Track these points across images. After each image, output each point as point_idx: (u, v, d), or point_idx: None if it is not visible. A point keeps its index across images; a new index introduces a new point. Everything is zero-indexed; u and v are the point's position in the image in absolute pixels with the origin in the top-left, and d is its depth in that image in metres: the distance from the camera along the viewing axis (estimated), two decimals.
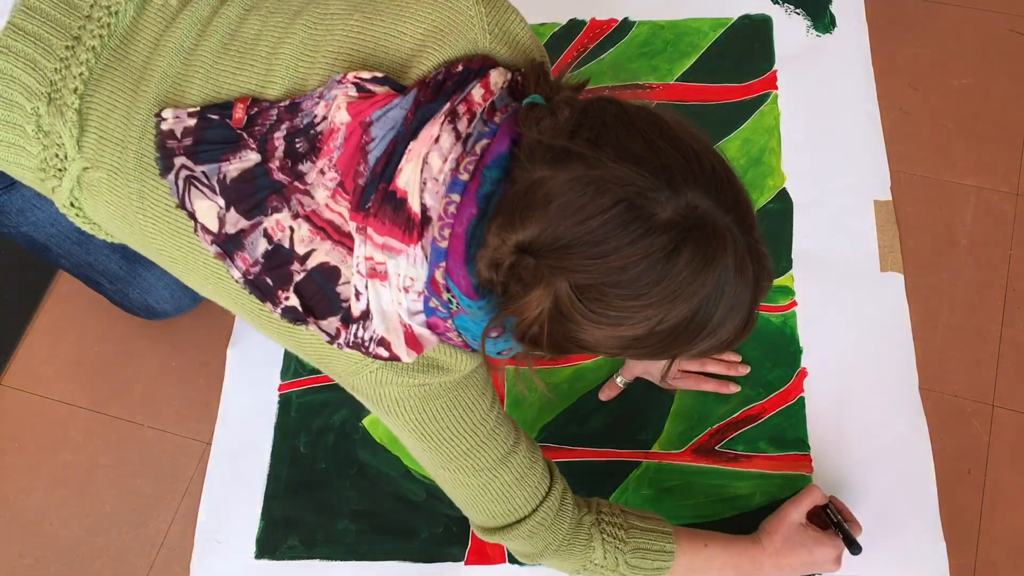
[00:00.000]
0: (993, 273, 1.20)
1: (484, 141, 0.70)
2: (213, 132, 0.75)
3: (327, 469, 1.15)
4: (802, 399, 1.14)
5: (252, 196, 0.74)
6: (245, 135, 0.75)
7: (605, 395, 1.15)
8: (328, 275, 0.74)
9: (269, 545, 1.12)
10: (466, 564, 1.08)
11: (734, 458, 1.11)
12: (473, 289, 0.70)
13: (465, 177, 0.69)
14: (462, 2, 0.76)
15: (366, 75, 0.73)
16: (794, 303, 1.19)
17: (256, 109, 0.75)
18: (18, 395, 1.25)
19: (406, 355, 0.74)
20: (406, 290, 0.72)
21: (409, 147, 0.70)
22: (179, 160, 0.76)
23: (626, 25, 1.43)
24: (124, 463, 1.19)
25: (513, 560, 1.08)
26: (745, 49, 1.39)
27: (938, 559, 1.04)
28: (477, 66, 0.74)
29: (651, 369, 1.11)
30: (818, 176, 1.28)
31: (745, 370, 1.14)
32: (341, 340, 0.74)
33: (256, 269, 0.75)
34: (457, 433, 0.81)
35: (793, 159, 1.29)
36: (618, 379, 1.14)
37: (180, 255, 0.80)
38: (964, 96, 1.33)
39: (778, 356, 1.16)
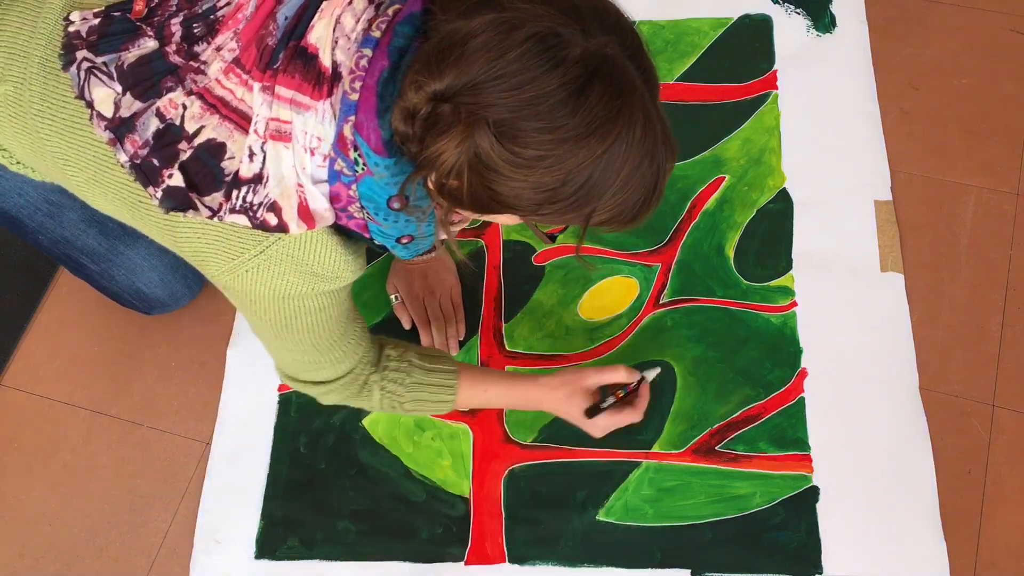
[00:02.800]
0: (993, 273, 1.20)
1: (396, 6, 0.73)
2: (115, 26, 0.78)
3: (327, 469, 1.15)
4: (802, 399, 1.14)
5: (148, 79, 0.76)
6: (144, 25, 0.78)
7: None
8: (214, 151, 0.75)
9: (269, 545, 1.12)
10: (466, 564, 1.08)
11: (734, 458, 1.11)
12: (383, 143, 0.71)
13: (377, 34, 0.71)
14: None
15: None
16: (794, 303, 1.19)
17: (156, 1, 0.78)
18: (18, 395, 1.25)
19: (296, 225, 0.75)
20: (312, 152, 0.73)
21: (322, 6, 0.73)
22: (81, 53, 0.78)
23: None
24: (124, 463, 1.19)
25: (513, 560, 1.08)
26: (745, 49, 1.39)
27: (938, 559, 1.04)
28: None
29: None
30: (818, 176, 1.28)
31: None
32: (224, 210, 0.75)
33: (144, 152, 0.76)
34: (309, 338, 0.87)
35: (793, 159, 1.29)
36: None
37: (72, 151, 0.82)
38: (964, 96, 1.33)
39: (778, 356, 1.16)
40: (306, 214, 0.75)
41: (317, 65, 0.72)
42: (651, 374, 1.07)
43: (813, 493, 1.08)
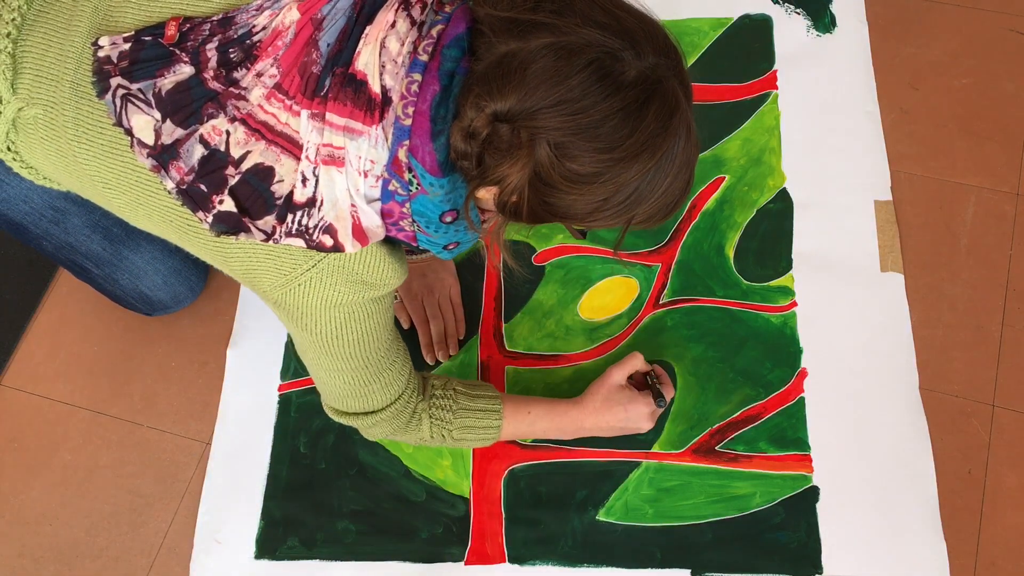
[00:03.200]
0: (993, 273, 1.20)
1: (439, 26, 0.74)
2: (147, 51, 0.78)
3: (327, 469, 1.15)
4: (802, 399, 1.14)
5: (188, 106, 0.77)
6: (177, 51, 0.78)
7: None
8: (263, 175, 0.76)
9: (269, 545, 1.12)
10: (466, 564, 1.08)
11: (734, 458, 1.11)
12: (438, 165, 0.73)
13: (425, 58, 0.73)
14: None
15: None
16: (794, 303, 1.19)
17: (188, 26, 0.78)
18: (18, 395, 1.25)
19: (351, 245, 0.77)
20: (365, 174, 0.75)
21: (365, 31, 0.74)
22: (115, 80, 0.79)
23: None
24: (124, 463, 1.19)
25: (513, 560, 1.08)
26: (745, 49, 1.39)
27: (938, 559, 1.04)
28: None
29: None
30: (818, 176, 1.28)
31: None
32: (278, 234, 0.77)
33: (190, 177, 0.77)
34: (357, 355, 0.89)
35: (793, 159, 1.29)
36: None
37: (113, 176, 0.83)
38: (964, 96, 1.33)
39: (778, 356, 1.16)
40: (360, 233, 0.77)
41: (367, 91, 0.73)
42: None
43: (813, 493, 1.08)
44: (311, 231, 0.77)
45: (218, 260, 0.85)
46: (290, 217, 0.76)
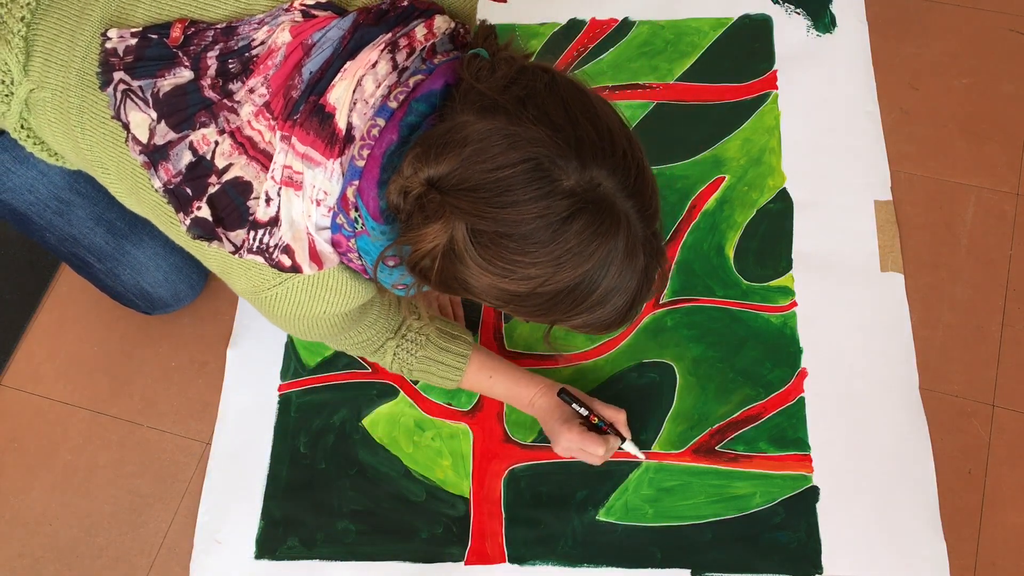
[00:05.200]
0: (993, 273, 1.20)
1: (419, 76, 0.74)
2: (152, 50, 0.79)
3: (327, 469, 1.15)
4: (802, 399, 1.14)
5: (183, 111, 0.78)
6: (180, 53, 0.79)
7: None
8: (241, 189, 0.78)
9: (269, 545, 1.12)
10: (466, 564, 1.08)
11: (734, 458, 1.11)
12: (379, 212, 0.74)
13: (394, 105, 0.73)
14: None
15: (311, 1, 0.78)
16: (794, 303, 1.19)
17: (193, 30, 0.79)
18: (18, 395, 1.25)
19: (308, 267, 0.79)
20: (318, 203, 0.76)
21: (345, 66, 0.75)
22: (118, 75, 0.80)
23: (626, 25, 1.43)
24: (124, 463, 1.19)
25: (513, 560, 1.08)
26: (745, 49, 1.39)
27: (938, 559, 1.04)
28: (424, 7, 0.79)
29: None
30: (818, 176, 1.28)
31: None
32: (243, 250, 0.78)
33: (177, 180, 0.79)
34: (328, 337, 0.94)
35: (793, 159, 1.29)
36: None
37: (112, 164, 0.84)
38: (964, 96, 1.33)
39: (778, 356, 1.16)
40: (315, 256, 0.79)
41: (332, 125, 0.74)
42: (630, 447, 1.08)
43: (813, 493, 1.08)
44: (271, 250, 0.78)
45: (198, 255, 0.87)
46: (253, 234, 0.78)
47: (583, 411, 1.06)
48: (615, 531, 1.08)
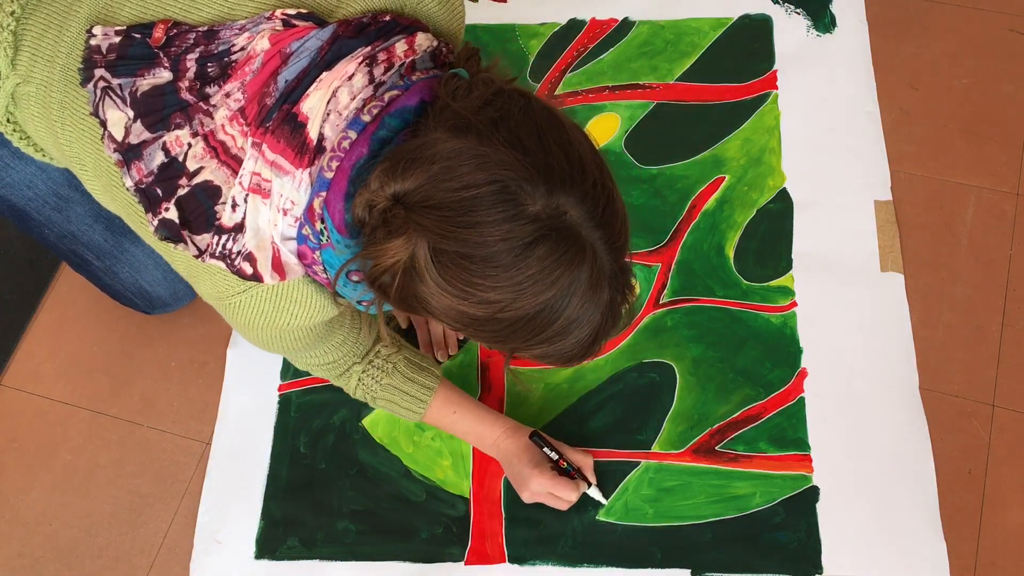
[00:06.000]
0: (993, 273, 1.20)
1: (395, 92, 0.74)
2: (134, 49, 0.80)
3: (327, 469, 1.15)
4: (802, 399, 1.14)
5: (159, 111, 0.78)
6: (161, 54, 0.79)
7: None
8: (210, 193, 0.77)
9: (269, 545, 1.12)
10: (466, 564, 1.08)
11: (734, 458, 1.11)
12: (344, 225, 0.73)
13: (367, 119, 0.73)
14: None
15: (292, 11, 0.78)
16: (794, 303, 1.19)
17: (176, 31, 0.79)
18: (18, 395, 1.25)
19: (269, 277, 0.78)
20: (284, 212, 0.76)
21: (321, 76, 0.75)
22: (99, 72, 0.80)
23: (626, 25, 1.43)
24: (124, 463, 1.19)
25: (513, 560, 1.08)
26: (745, 49, 1.39)
27: (938, 559, 1.04)
28: (407, 23, 0.79)
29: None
30: (818, 176, 1.28)
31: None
32: (206, 254, 0.78)
33: (149, 180, 0.79)
34: (293, 351, 0.93)
35: (793, 159, 1.29)
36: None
37: (89, 161, 0.85)
38: (964, 96, 1.33)
39: (778, 356, 1.16)
40: (279, 267, 0.78)
41: (304, 134, 0.74)
42: (595, 492, 1.08)
43: (813, 493, 1.08)
44: (232, 256, 0.78)
45: (166, 256, 0.87)
46: (216, 239, 0.78)
47: (554, 455, 1.05)
48: (615, 531, 1.08)
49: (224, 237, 0.78)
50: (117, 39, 0.80)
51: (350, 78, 0.74)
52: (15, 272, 1.33)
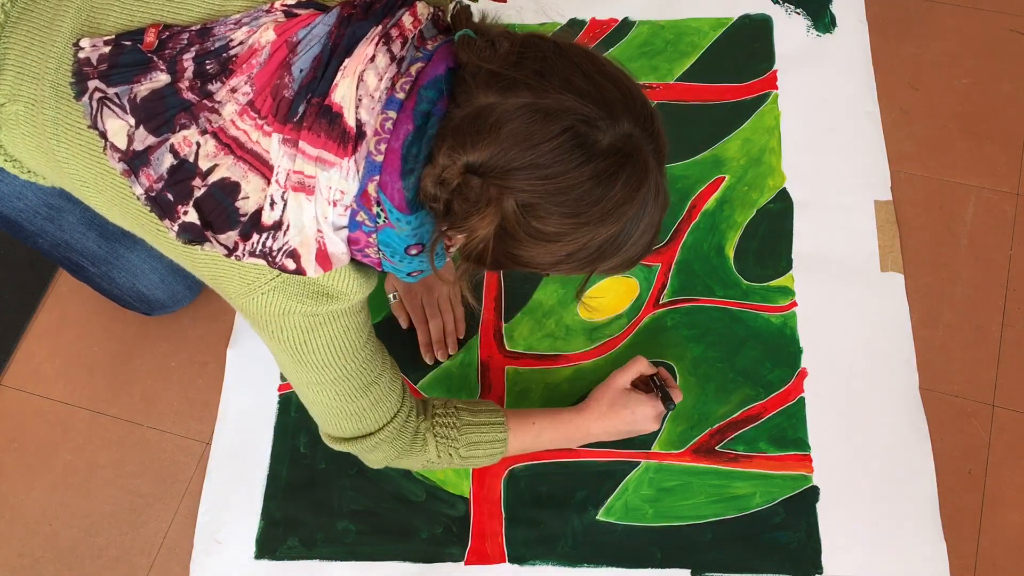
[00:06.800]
0: (993, 273, 1.20)
1: (419, 64, 0.75)
2: (126, 57, 0.79)
3: (327, 469, 1.15)
4: (802, 399, 1.14)
5: (161, 114, 0.77)
6: (155, 58, 0.78)
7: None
8: (228, 190, 0.77)
9: (269, 545, 1.12)
10: (466, 564, 1.08)
11: (734, 458, 1.11)
12: (407, 203, 0.74)
13: (402, 96, 0.74)
14: None
15: (291, 1, 0.78)
16: (794, 303, 1.19)
17: (167, 34, 0.78)
18: (18, 395, 1.25)
19: (313, 270, 0.78)
20: (334, 203, 0.76)
21: (344, 64, 0.75)
22: (93, 83, 0.79)
23: (626, 25, 1.43)
24: (124, 463, 1.19)
25: (513, 560, 1.08)
26: (745, 49, 1.39)
27: (938, 559, 1.04)
28: None
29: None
30: (818, 176, 1.28)
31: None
32: (240, 251, 0.77)
33: (159, 185, 0.77)
34: (331, 363, 0.87)
35: (793, 159, 1.29)
36: None
37: (90, 176, 0.83)
38: (964, 96, 1.33)
39: (778, 356, 1.16)
40: (324, 259, 0.78)
41: (342, 124, 0.74)
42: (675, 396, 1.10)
43: (813, 493, 1.08)
44: (274, 253, 0.77)
45: (187, 264, 0.85)
46: (255, 237, 0.77)
47: (657, 382, 1.09)
48: (615, 531, 1.08)
49: (264, 235, 0.77)
50: (107, 49, 0.79)
51: (372, 60, 0.74)
52: (15, 272, 1.33)
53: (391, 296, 1.23)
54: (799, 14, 1.41)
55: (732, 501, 1.09)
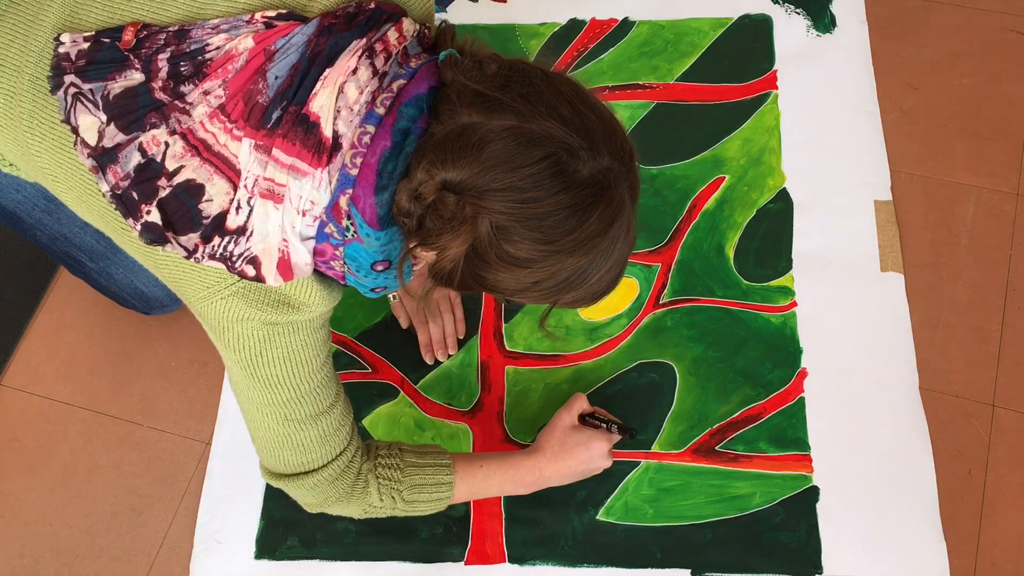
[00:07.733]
0: (993, 273, 1.20)
1: (401, 81, 0.75)
2: (104, 53, 0.79)
3: None
4: (802, 399, 1.14)
5: (133, 112, 0.77)
6: (131, 56, 0.78)
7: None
8: (192, 192, 0.76)
9: (269, 545, 1.12)
10: (466, 564, 1.08)
11: (734, 458, 1.11)
12: (378, 219, 0.74)
13: (382, 111, 0.74)
14: None
15: (272, 12, 0.78)
16: (794, 303, 1.19)
17: (145, 33, 0.78)
18: (18, 395, 1.25)
19: (273, 279, 0.77)
20: (303, 213, 0.75)
21: (325, 73, 0.74)
22: (69, 78, 0.79)
23: (626, 25, 1.43)
24: (124, 463, 1.19)
25: (513, 560, 1.08)
26: (745, 49, 1.39)
27: (938, 559, 1.04)
28: (390, 9, 0.79)
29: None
30: (818, 176, 1.28)
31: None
32: (200, 253, 0.77)
33: (125, 183, 0.77)
34: (284, 381, 0.84)
35: (793, 159, 1.29)
36: None
37: (61, 171, 0.83)
38: (964, 96, 1.33)
39: (778, 356, 1.16)
40: (285, 268, 0.77)
41: (318, 134, 0.73)
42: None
43: (813, 493, 1.08)
44: (234, 258, 0.77)
45: (150, 265, 0.85)
46: (216, 240, 0.76)
47: (600, 423, 1.06)
48: (615, 531, 1.08)
49: (226, 239, 0.76)
50: (86, 45, 0.79)
51: (354, 72, 0.74)
52: (15, 272, 1.33)
53: (391, 296, 1.23)
54: (799, 14, 1.41)
55: (732, 501, 1.09)
